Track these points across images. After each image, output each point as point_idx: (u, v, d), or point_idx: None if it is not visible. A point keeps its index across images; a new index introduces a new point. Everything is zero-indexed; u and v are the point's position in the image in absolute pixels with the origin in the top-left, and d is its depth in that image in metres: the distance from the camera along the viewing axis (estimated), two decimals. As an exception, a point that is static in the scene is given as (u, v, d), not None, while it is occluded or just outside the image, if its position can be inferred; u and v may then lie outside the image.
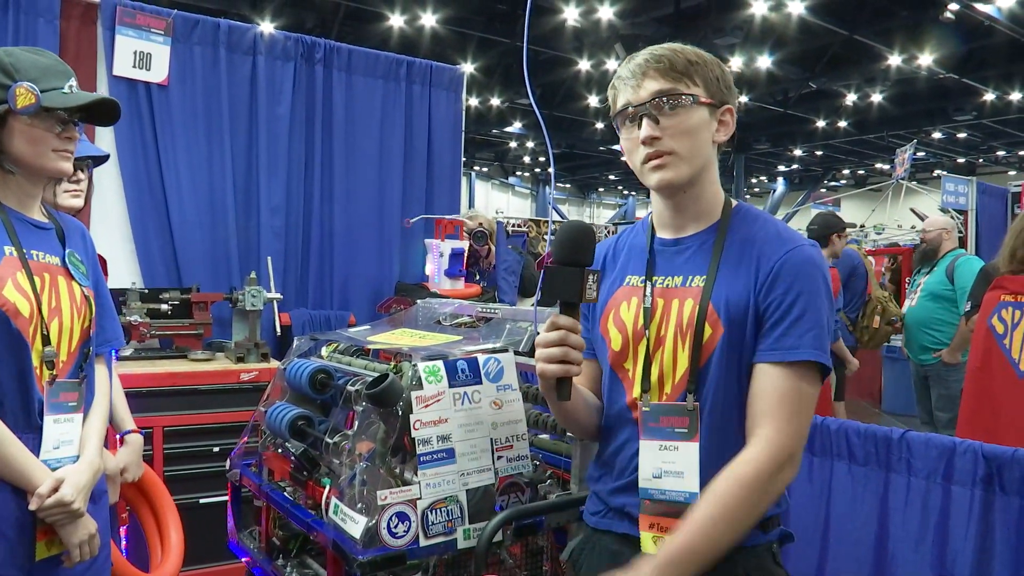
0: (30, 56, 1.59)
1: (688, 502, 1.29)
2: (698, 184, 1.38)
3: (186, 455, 3.14)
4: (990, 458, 2.28)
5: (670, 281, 1.39)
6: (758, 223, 1.38)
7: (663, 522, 1.33)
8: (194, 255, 3.95)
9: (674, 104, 1.32)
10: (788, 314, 1.28)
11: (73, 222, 1.81)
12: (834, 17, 11.51)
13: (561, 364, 1.29)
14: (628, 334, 1.40)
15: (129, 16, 3.77)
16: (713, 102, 1.35)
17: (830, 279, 1.35)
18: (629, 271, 1.46)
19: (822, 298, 1.30)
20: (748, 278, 1.31)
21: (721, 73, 1.37)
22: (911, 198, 9.79)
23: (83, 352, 1.69)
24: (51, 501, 1.52)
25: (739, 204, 1.43)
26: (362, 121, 4.49)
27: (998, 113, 16.55)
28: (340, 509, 1.61)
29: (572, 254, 1.29)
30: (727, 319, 1.31)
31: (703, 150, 1.35)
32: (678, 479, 1.32)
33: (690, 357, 1.32)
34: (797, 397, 1.28)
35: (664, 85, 1.33)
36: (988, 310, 3.32)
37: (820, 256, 1.34)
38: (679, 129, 1.32)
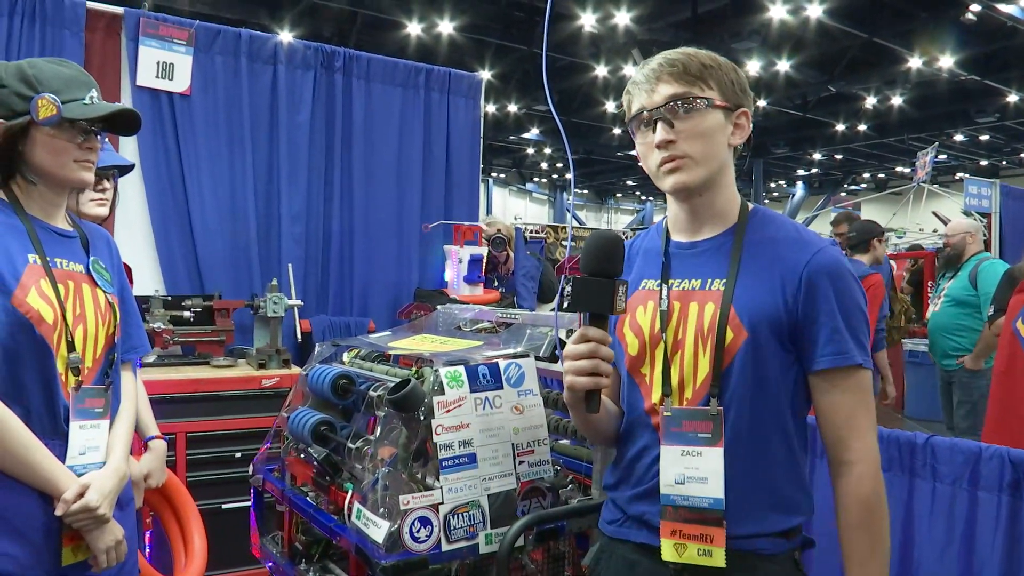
0: (52, 67, 1.61)
1: (712, 508, 1.29)
2: (713, 187, 1.37)
3: (209, 461, 3.17)
4: (1017, 463, 2.24)
5: (687, 284, 1.38)
6: (775, 225, 1.38)
7: (686, 528, 1.32)
8: (216, 262, 3.99)
9: (688, 107, 1.32)
10: (827, 321, 1.29)
11: (98, 230, 1.83)
12: (853, 20, 11.43)
13: (591, 377, 1.29)
14: (645, 338, 1.39)
15: (152, 27, 3.83)
16: (728, 105, 1.35)
17: (855, 276, 1.35)
18: (645, 275, 1.45)
19: (857, 296, 1.32)
20: (773, 282, 1.31)
21: (736, 76, 1.37)
22: (933, 201, 9.70)
23: (108, 359, 1.70)
24: (77, 507, 1.54)
25: (756, 207, 1.42)
26: (381, 129, 4.52)
27: (1022, 115, 16.33)
28: (363, 514, 1.62)
29: (602, 264, 1.28)
30: (750, 324, 1.30)
31: (718, 153, 1.35)
32: (702, 485, 1.31)
33: (712, 361, 1.31)
34: (867, 403, 1.33)
35: (678, 89, 1.33)
36: (1013, 313, 3.28)
37: (842, 255, 1.37)
38: (693, 132, 1.32)
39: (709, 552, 1.29)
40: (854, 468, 1.31)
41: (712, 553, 1.29)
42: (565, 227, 4.47)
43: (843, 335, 1.29)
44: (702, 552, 1.30)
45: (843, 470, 1.32)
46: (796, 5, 10.72)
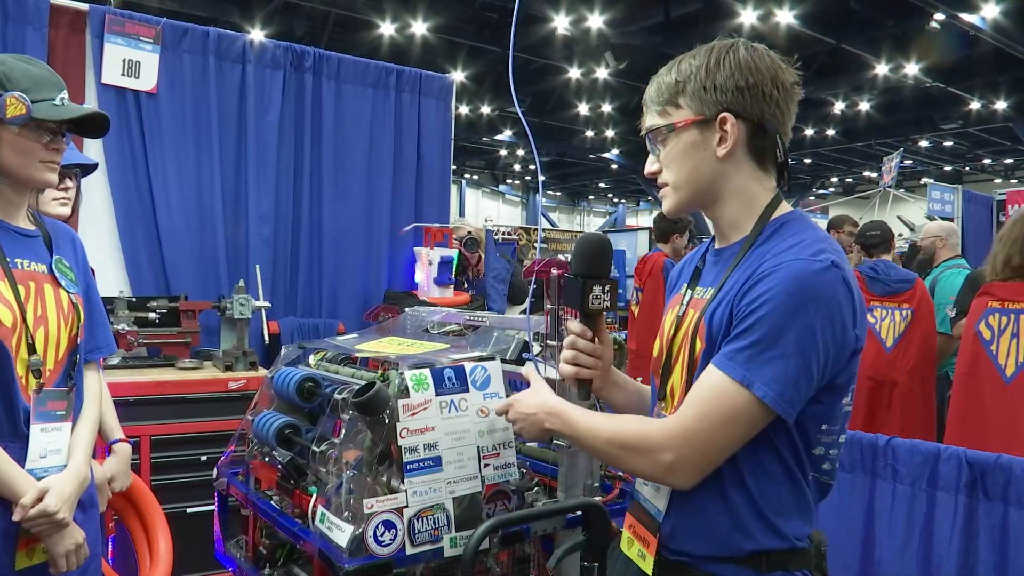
0: (23, 66, 1.59)
1: (655, 517, 1.30)
2: (717, 200, 1.31)
3: (174, 464, 3.13)
4: (974, 464, 2.30)
5: (701, 292, 1.35)
6: (787, 234, 1.25)
7: (636, 527, 1.36)
8: (182, 263, 3.95)
9: (659, 138, 1.31)
10: (742, 323, 1.17)
11: (63, 228, 1.80)
12: (822, 26, 11.61)
13: (572, 366, 1.41)
14: (663, 342, 1.39)
15: (118, 24, 3.78)
16: (701, 118, 1.26)
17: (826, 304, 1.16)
18: (683, 280, 1.44)
19: (788, 321, 1.14)
20: (735, 287, 1.22)
21: (713, 79, 1.25)
22: (898, 206, 9.86)
23: (71, 360, 1.68)
24: (35, 511, 1.51)
25: (785, 215, 1.30)
26: (351, 129, 4.50)
27: (983, 122, 16.70)
28: (327, 518, 1.62)
29: (580, 265, 1.34)
30: (708, 333, 1.24)
31: (700, 171, 1.28)
32: (654, 491, 1.33)
33: (685, 372, 1.29)
34: (710, 407, 1.17)
35: (651, 120, 1.32)
36: (976, 316, 3.35)
37: (823, 276, 1.15)
38: (669, 159, 1.31)
39: (644, 555, 1.32)
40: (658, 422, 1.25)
41: (645, 558, 1.31)
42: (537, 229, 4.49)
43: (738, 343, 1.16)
44: (640, 554, 1.33)
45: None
46: (766, 11, 10.86)
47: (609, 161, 22.95)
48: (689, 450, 1.18)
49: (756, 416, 1.17)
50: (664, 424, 1.22)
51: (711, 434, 1.18)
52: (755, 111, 1.25)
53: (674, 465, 1.19)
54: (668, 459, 1.19)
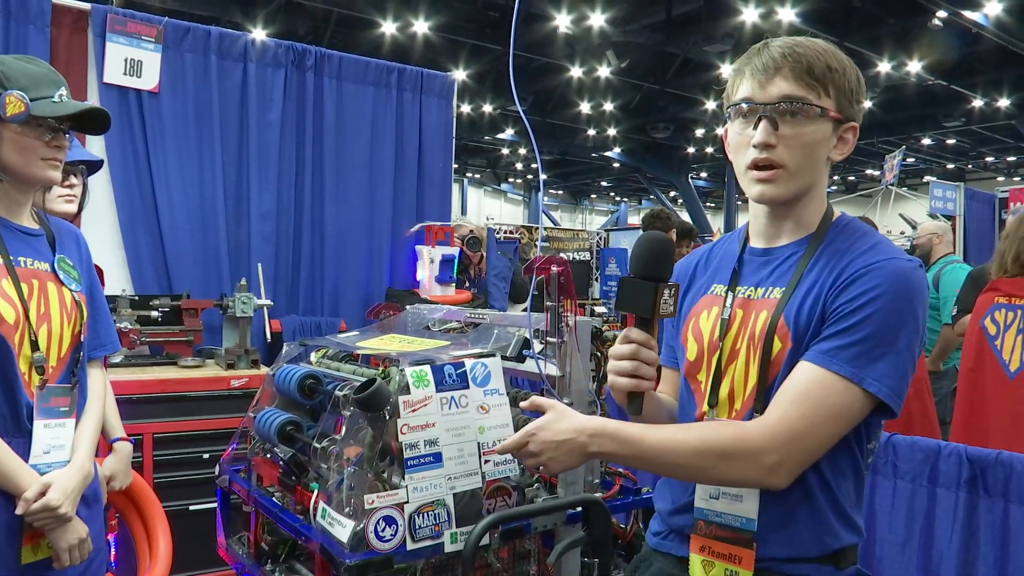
0: (21, 64, 1.60)
1: (744, 528, 1.24)
2: (803, 199, 1.29)
3: (176, 462, 3.14)
4: (974, 460, 2.30)
5: (752, 292, 1.31)
6: (857, 235, 1.27)
7: (715, 546, 1.28)
8: (184, 262, 3.96)
9: (797, 112, 1.22)
10: (847, 319, 1.17)
11: (67, 227, 1.82)
12: (824, 24, 11.59)
13: (631, 378, 1.27)
14: (703, 344, 1.34)
15: (120, 24, 3.79)
16: (841, 117, 1.25)
17: (924, 303, 1.20)
18: (716, 279, 1.39)
19: (901, 318, 1.16)
20: (823, 288, 1.21)
21: (857, 85, 1.26)
22: (900, 204, 9.86)
23: (75, 357, 1.69)
24: (38, 506, 1.53)
25: (842, 215, 1.32)
26: (353, 128, 4.51)
27: (986, 119, 16.68)
28: (328, 513, 1.62)
29: (647, 267, 1.25)
30: (795, 332, 1.21)
31: (816, 166, 1.26)
32: (734, 502, 1.26)
33: (758, 373, 1.24)
34: (818, 405, 1.16)
35: (795, 90, 1.22)
36: (981, 312, 3.35)
37: (918, 275, 1.20)
38: (797, 141, 1.22)
39: (736, 573, 1.25)
40: (754, 423, 1.20)
41: (739, 574, 1.25)
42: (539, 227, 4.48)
43: (860, 349, 1.15)
44: (729, 572, 1.26)
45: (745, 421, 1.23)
46: (768, 9, 10.85)
47: (611, 160, 22.95)
48: (795, 449, 1.16)
49: (861, 412, 1.18)
50: (765, 425, 1.18)
51: (819, 432, 1.16)
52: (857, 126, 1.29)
53: (778, 466, 1.16)
54: (772, 460, 1.16)
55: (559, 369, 1.85)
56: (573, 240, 11.50)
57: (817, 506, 1.23)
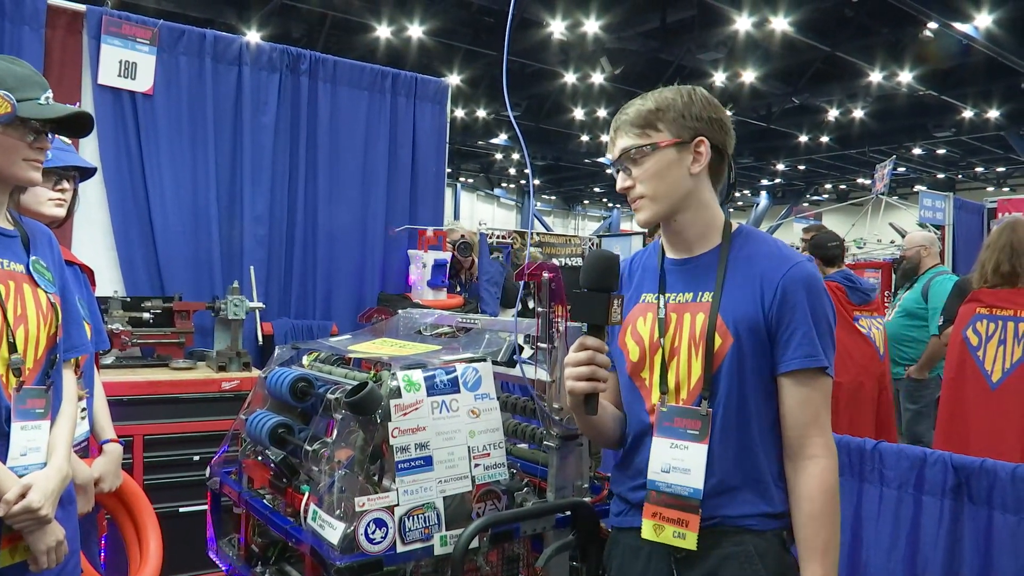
0: (7, 65, 1.60)
1: (691, 496, 1.44)
2: (686, 212, 1.52)
3: (166, 464, 3.14)
4: (959, 468, 2.33)
5: (681, 297, 1.52)
6: (757, 242, 1.53)
7: (665, 512, 1.47)
8: (177, 264, 3.96)
9: (637, 157, 1.49)
10: (799, 327, 1.43)
11: (41, 228, 1.80)
12: (817, 34, 11.67)
13: (589, 381, 1.42)
14: (645, 346, 1.53)
15: (115, 25, 3.79)
16: (680, 140, 1.48)
17: (825, 290, 1.50)
18: (644, 289, 1.59)
19: (827, 308, 1.46)
20: (753, 293, 1.45)
21: (691, 110, 1.48)
22: (891, 213, 9.92)
23: (49, 359, 1.69)
24: (18, 508, 1.52)
25: (741, 226, 1.56)
26: (346, 132, 4.52)
27: (976, 130, 16.79)
28: (319, 516, 1.63)
29: (598, 280, 1.40)
30: (735, 330, 1.44)
31: (676, 186, 1.49)
32: (684, 475, 1.45)
33: (703, 365, 1.46)
34: (824, 404, 1.45)
35: (628, 141, 1.50)
36: (963, 322, 3.39)
37: (815, 270, 1.49)
38: (646, 175, 1.49)
39: (683, 535, 1.44)
40: (820, 461, 1.42)
41: (686, 536, 1.43)
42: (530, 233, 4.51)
43: (813, 340, 1.43)
44: (677, 535, 1.44)
45: (807, 464, 1.43)
46: (761, 18, 10.91)
47: (604, 166, 22.99)
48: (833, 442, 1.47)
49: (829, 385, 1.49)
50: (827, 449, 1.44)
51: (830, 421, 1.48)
52: (719, 139, 1.51)
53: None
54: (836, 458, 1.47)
55: (549, 374, 1.86)
56: (565, 246, 11.53)
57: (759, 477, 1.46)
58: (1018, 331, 3.15)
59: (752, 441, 1.45)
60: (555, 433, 1.83)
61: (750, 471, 1.45)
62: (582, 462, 1.88)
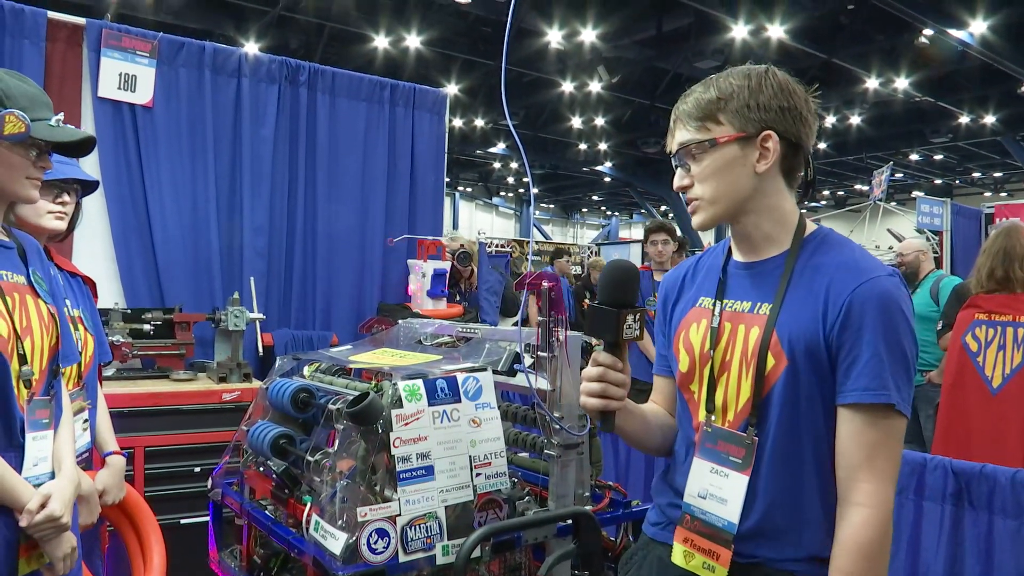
0: (19, 84, 1.61)
1: (725, 529, 1.31)
2: (751, 214, 1.35)
3: (167, 475, 3.14)
4: (959, 474, 2.34)
5: (739, 305, 1.37)
6: (834, 250, 1.33)
7: (697, 540, 1.35)
8: (177, 275, 3.96)
9: (695, 152, 1.34)
10: (864, 353, 1.23)
11: (30, 240, 1.81)
12: (812, 41, 11.73)
13: (600, 399, 1.33)
14: (695, 356, 1.40)
15: (115, 38, 3.81)
16: (744, 134, 1.31)
17: (911, 313, 1.28)
18: (703, 292, 1.45)
19: (904, 334, 1.24)
20: (815, 309, 1.27)
21: (757, 98, 1.32)
22: (888, 219, 9.94)
23: (52, 369, 1.70)
24: (41, 517, 1.54)
25: (819, 229, 1.38)
26: (345, 143, 4.54)
27: (973, 136, 16.87)
28: (321, 526, 1.64)
29: (611, 294, 1.32)
30: (790, 351, 1.27)
31: (738, 187, 1.33)
32: (720, 504, 1.33)
33: (752, 387, 1.30)
34: (892, 449, 1.24)
35: (686, 135, 1.35)
36: (962, 328, 3.40)
37: (899, 288, 1.27)
38: (705, 174, 1.33)
39: (712, 568, 1.31)
40: (861, 511, 1.22)
41: (715, 570, 1.31)
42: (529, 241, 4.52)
43: (879, 370, 1.22)
44: (706, 566, 1.32)
45: (849, 511, 1.23)
46: (758, 25, 10.97)
47: (602, 174, 23.05)
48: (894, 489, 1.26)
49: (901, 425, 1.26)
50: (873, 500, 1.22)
51: (897, 464, 1.27)
52: (793, 131, 1.33)
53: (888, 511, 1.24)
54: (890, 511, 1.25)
55: (549, 383, 1.87)
56: (564, 252, 11.54)
57: (810, 518, 1.28)
58: (1017, 336, 3.16)
59: (804, 478, 1.28)
60: (556, 442, 1.83)
61: (800, 511, 1.28)
62: (583, 471, 1.89)
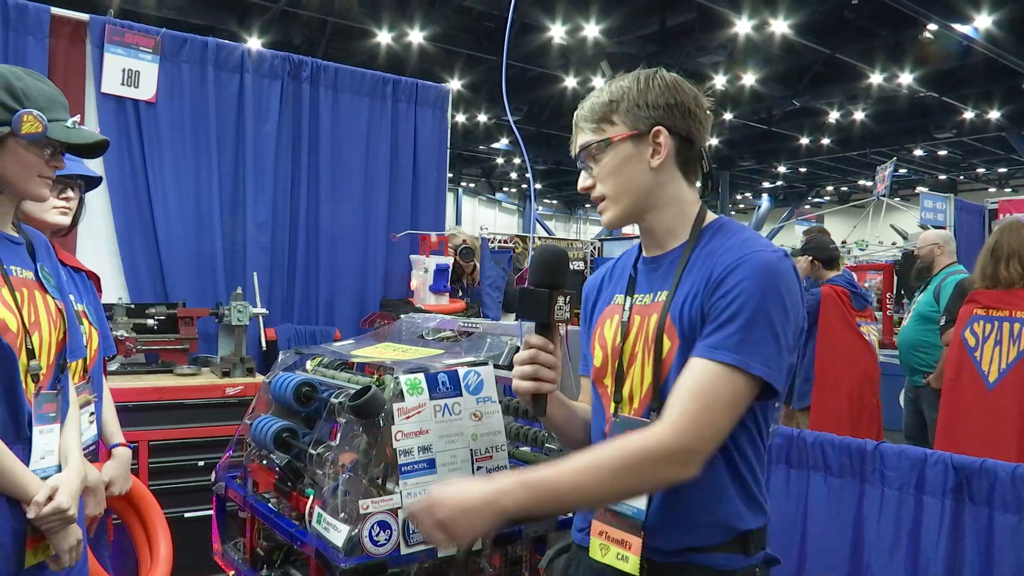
0: (37, 83, 1.63)
1: (634, 516, 1.31)
2: (653, 209, 1.39)
3: (172, 469, 3.16)
4: (959, 469, 2.34)
5: (646, 298, 1.39)
6: (729, 235, 1.35)
7: (611, 531, 1.35)
8: (180, 270, 3.98)
9: (595, 153, 1.38)
10: (723, 313, 1.24)
11: (38, 235, 1.82)
12: (816, 36, 11.69)
13: (532, 381, 1.36)
14: (607, 350, 1.41)
15: (118, 34, 3.82)
16: (636, 132, 1.35)
17: (791, 289, 1.27)
18: (617, 290, 1.47)
19: (767, 304, 1.23)
20: (700, 287, 1.29)
21: (645, 97, 1.35)
22: (892, 215, 9.93)
23: (59, 364, 1.72)
24: (48, 509, 1.56)
25: (717, 219, 1.40)
26: (348, 138, 4.55)
27: (977, 131, 16.80)
28: (323, 518, 1.65)
29: (542, 276, 1.35)
30: (681, 330, 1.29)
31: (636, 182, 1.36)
32: None
33: (652, 372, 1.32)
34: (712, 396, 1.21)
35: (585, 137, 1.39)
36: (962, 323, 3.41)
37: (781, 263, 1.27)
38: (604, 173, 1.38)
39: (625, 558, 1.31)
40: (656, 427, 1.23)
41: (628, 559, 1.31)
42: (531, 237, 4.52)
43: (732, 330, 1.22)
44: (620, 557, 1.32)
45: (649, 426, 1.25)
46: (761, 20, 10.93)
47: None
48: (701, 441, 1.21)
49: (752, 393, 1.24)
50: (669, 425, 1.21)
51: (719, 420, 1.22)
52: (683, 126, 1.36)
53: (690, 459, 1.21)
54: (684, 456, 1.21)
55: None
56: (568, 250, 11.55)
57: (717, 483, 1.29)
58: (1013, 331, 3.16)
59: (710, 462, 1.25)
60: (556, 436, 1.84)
61: (698, 492, 1.27)
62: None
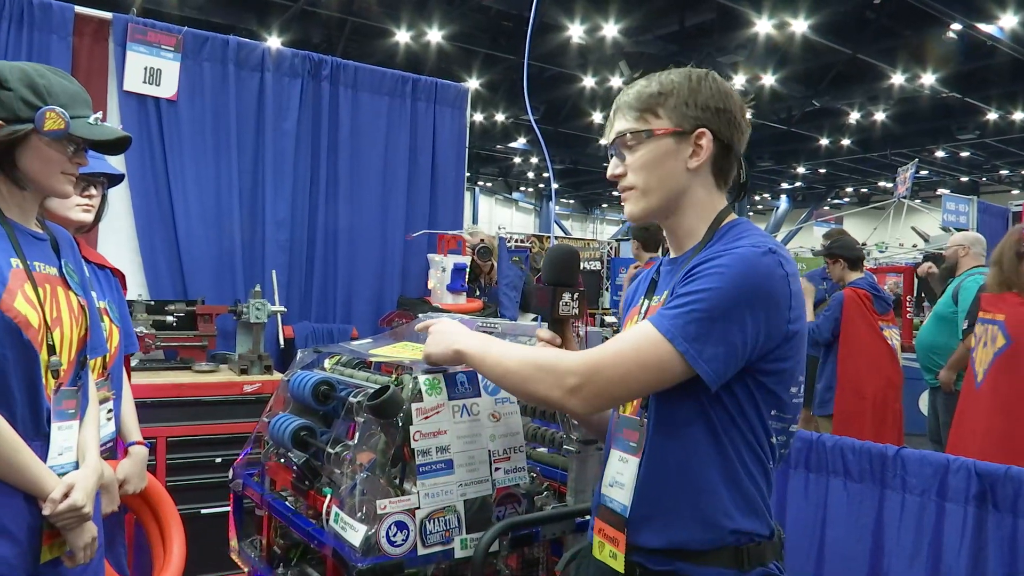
0: (60, 81, 1.64)
1: (619, 513, 1.32)
2: (677, 210, 1.37)
3: (189, 465, 3.17)
4: (983, 475, 2.30)
5: (659, 300, 1.39)
6: (735, 235, 1.33)
7: (606, 529, 1.35)
8: (200, 268, 4.01)
9: (632, 143, 1.35)
10: (681, 288, 1.25)
11: (62, 232, 1.83)
12: (837, 36, 11.59)
13: None
14: None
15: (140, 33, 3.85)
16: (680, 129, 1.33)
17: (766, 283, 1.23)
18: (640, 292, 1.49)
19: (728, 291, 1.21)
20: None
21: (695, 97, 1.33)
22: (913, 216, 9.83)
23: (80, 360, 1.73)
24: (64, 506, 1.56)
25: (734, 221, 1.37)
26: (367, 137, 4.56)
27: (1001, 132, 16.60)
28: (340, 518, 1.65)
29: (551, 274, 1.39)
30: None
31: (670, 180, 1.34)
32: (620, 490, 1.34)
33: None
34: (632, 350, 1.24)
35: (625, 124, 1.37)
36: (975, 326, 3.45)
37: (765, 256, 1.23)
38: (638, 164, 1.35)
39: (616, 555, 1.32)
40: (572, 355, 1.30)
41: (617, 557, 1.31)
42: (550, 236, 4.49)
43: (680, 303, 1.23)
44: (611, 554, 1.33)
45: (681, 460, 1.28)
46: (781, 20, 10.86)
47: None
48: (596, 379, 1.25)
49: (672, 370, 1.22)
50: (582, 354, 1.29)
51: (621, 371, 1.24)
52: (727, 133, 1.35)
53: (577, 388, 1.25)
54: (573, 382, 1.25)
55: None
56: (584, 250, 11.52)
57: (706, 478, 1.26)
58: (993, 333, 3.20)
59: (691, 456, 1.27)
60: (575, 437, 1.83)
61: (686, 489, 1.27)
62: (601, 466, 1.88)
